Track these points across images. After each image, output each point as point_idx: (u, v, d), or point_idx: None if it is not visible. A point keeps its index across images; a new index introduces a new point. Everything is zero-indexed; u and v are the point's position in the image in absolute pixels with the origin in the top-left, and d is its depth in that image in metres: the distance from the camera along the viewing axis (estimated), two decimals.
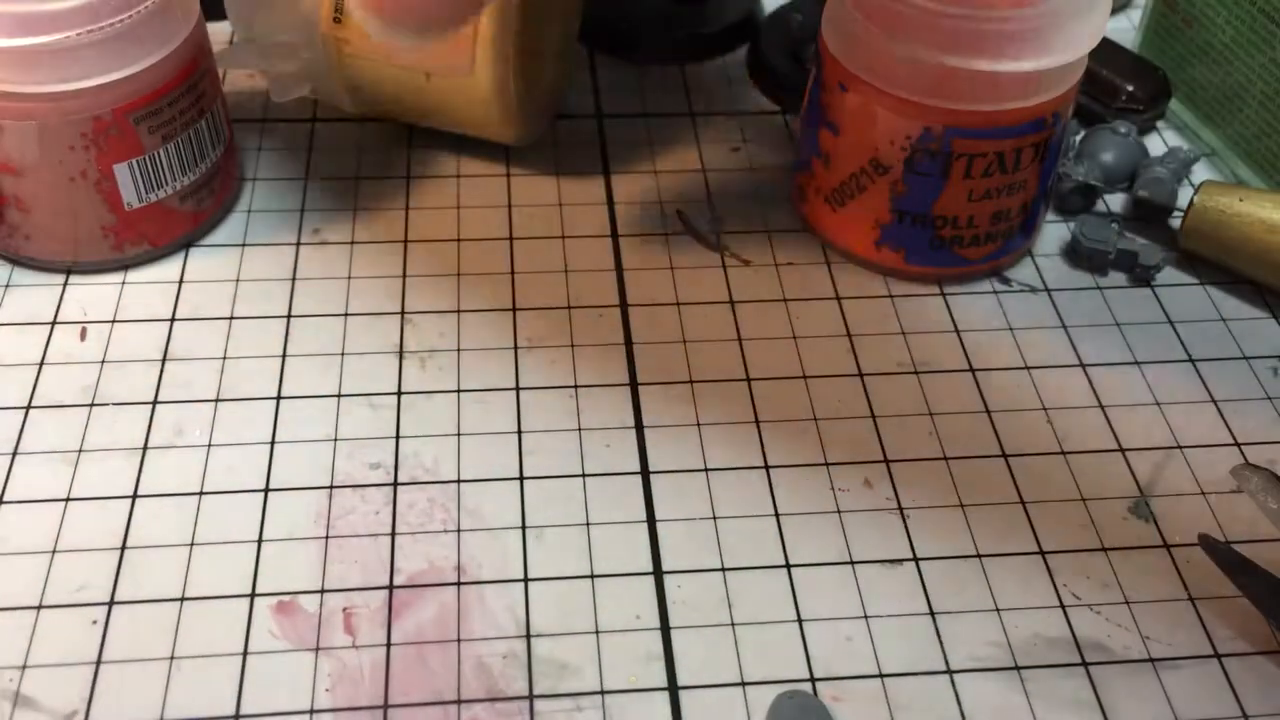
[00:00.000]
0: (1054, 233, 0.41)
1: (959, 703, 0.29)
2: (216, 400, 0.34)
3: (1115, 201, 0.42)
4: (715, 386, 0.36)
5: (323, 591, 0.30)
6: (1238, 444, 0.35)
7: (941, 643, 0.30)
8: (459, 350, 0.36)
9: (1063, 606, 0.31)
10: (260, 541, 0.31)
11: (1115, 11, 0.50)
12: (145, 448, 0.33)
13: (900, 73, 0.35)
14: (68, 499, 0.32)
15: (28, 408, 0.34)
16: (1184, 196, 0.42)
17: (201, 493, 0.32)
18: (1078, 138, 0.43)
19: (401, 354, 0.36)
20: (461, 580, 0.31)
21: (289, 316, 0.37)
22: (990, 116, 0.35)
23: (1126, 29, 0.48)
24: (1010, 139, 0.35)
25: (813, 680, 0.29)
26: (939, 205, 0.36)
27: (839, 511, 0.33)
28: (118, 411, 0.34)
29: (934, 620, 0.30)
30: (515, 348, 0.36)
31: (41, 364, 0.35)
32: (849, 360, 0.37)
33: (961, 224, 0.37)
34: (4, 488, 0.32)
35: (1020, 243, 0.39)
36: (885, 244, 0.38)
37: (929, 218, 0.37)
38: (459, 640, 0.29)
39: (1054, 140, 0.37)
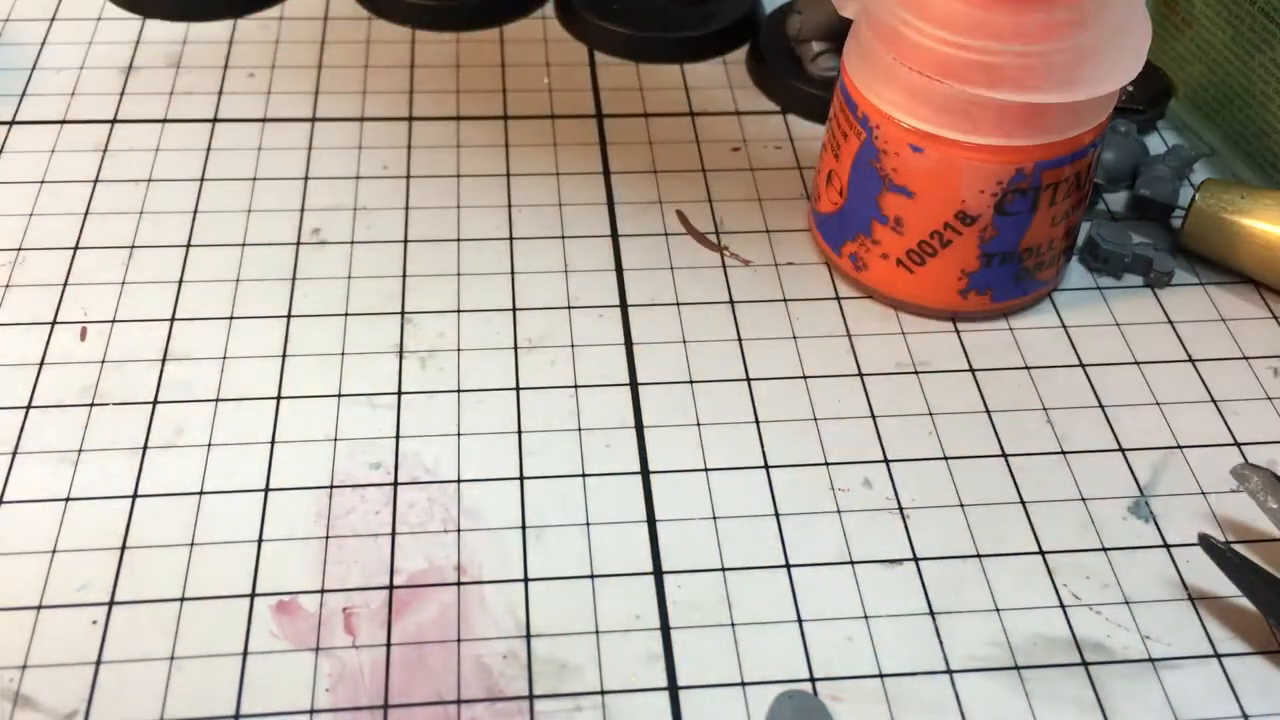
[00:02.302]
0: None
1: (959, 703, 0.29)
2: (216, 400, 0.34)
3: (1115, 200, 0.42)
4: (715, 386, 0.36)
5: (323, 591, 0.30)
6: (1238, 444, 0.35)
7: (941, 643, 0.30)
8: (459, 350, 0.36)
9: (1063, 606, 0.31)
10: (260, 541, 0.31)
11: None
12: (145, 448, 0.33)
13: (989, 121, 0.33)
14: (68, 499, 0.32)
15: (28, 408, 0.34)
16: (1184, 195, 0.42)
17: (201, 493, 0.32)
18: None
19: (401, 354, 0.36)
20: (461, 580, 0.31)
21: (289, 316, 0.37)
22: (1073, 141, 0.34)
23: None
24: (1085, 158, 0.35)
25: (813, 680, 0.29)
26: (1026, 239, 0.36)
27: (839, 511, 0.33)
28: (118, 411, 0.34)
29: (934, 620, 0.30)
30: (515, 348, 0.36)
31: (41, 364, 0.35)
32: (849, 360, 0.37)
33: (1044, 251, 0.36)
34: (4, 488, 0.32)
35: (1073, 251, 0.39)
36: (972, 290, 0.37)
37: (1016, 253, 0.36)
38: (459, 640, 0.29)
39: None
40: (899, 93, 0.34)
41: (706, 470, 0.33)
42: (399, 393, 0.35)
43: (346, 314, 0.37)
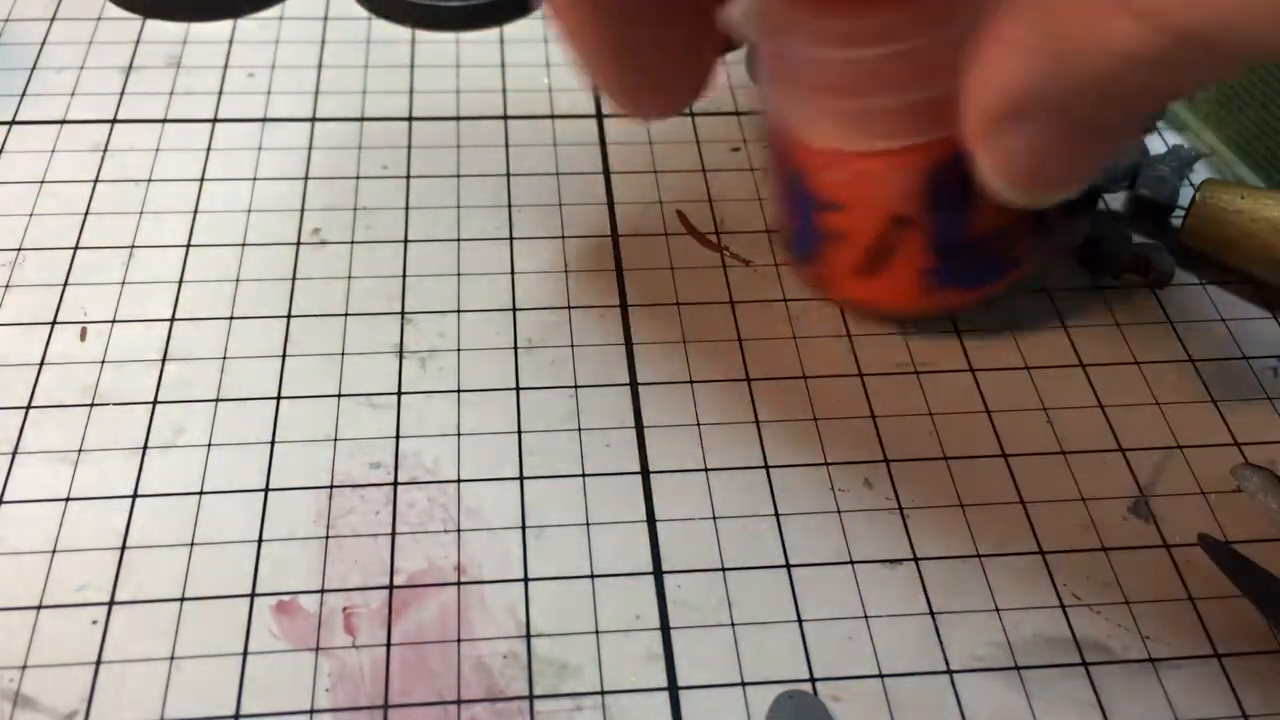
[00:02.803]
0: None
1: (959, 703, 0.29)
2: (216, 400, 0.34)
3: (1115, 200, 0.42)
4: (715, 386, 0.36)
5: (323, 591, 0.30)
6: (1238, 444, 0.35)
7: (941, 643, 0.30)
8: (459, 350, 0.36)
9: (1063, 606, 0.31)
10: (260, 541, 0.31)
11: None
12: (145, 448, 0.33)
13: (890, 125, 0.32)
14: (68, 499, 0.32)
15: (28, 408, 0.34)
16: (1184, 195, 0.42)
17: (201, 493, 0.32)
18: None
19: (401, 354, 0.36)
20: (461, 580, 0.31)
21: (289, 316, 0.37)
22: None
23: None
24: None
25: (813, 680, 0.29)
26: (976, 228, 0.34)
27: (839, 511, 0.33)
28: (118, 411, 0.34)
29: (934, 620, 0.30)
30: (515, 348, 0.36)
31: (41, 364, 0.35)
32: (849, 360, 0.37)
33: (1007, 234, 0.35)
34: (4, 488, 0.32)
35: (1060, 226, 0.37)
36: (942, 285, 0.35)
37: (971, 243, 0.35)
38: (459, 640, 0.29)
39: None
40: (799, 112, 0.33)
41: (706, 470, 0.33)
42: (399, 393, 0.35)
43: (346, 314, 0.37)
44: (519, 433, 0.34)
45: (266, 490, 0.32)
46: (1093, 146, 0.23)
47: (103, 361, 0.35)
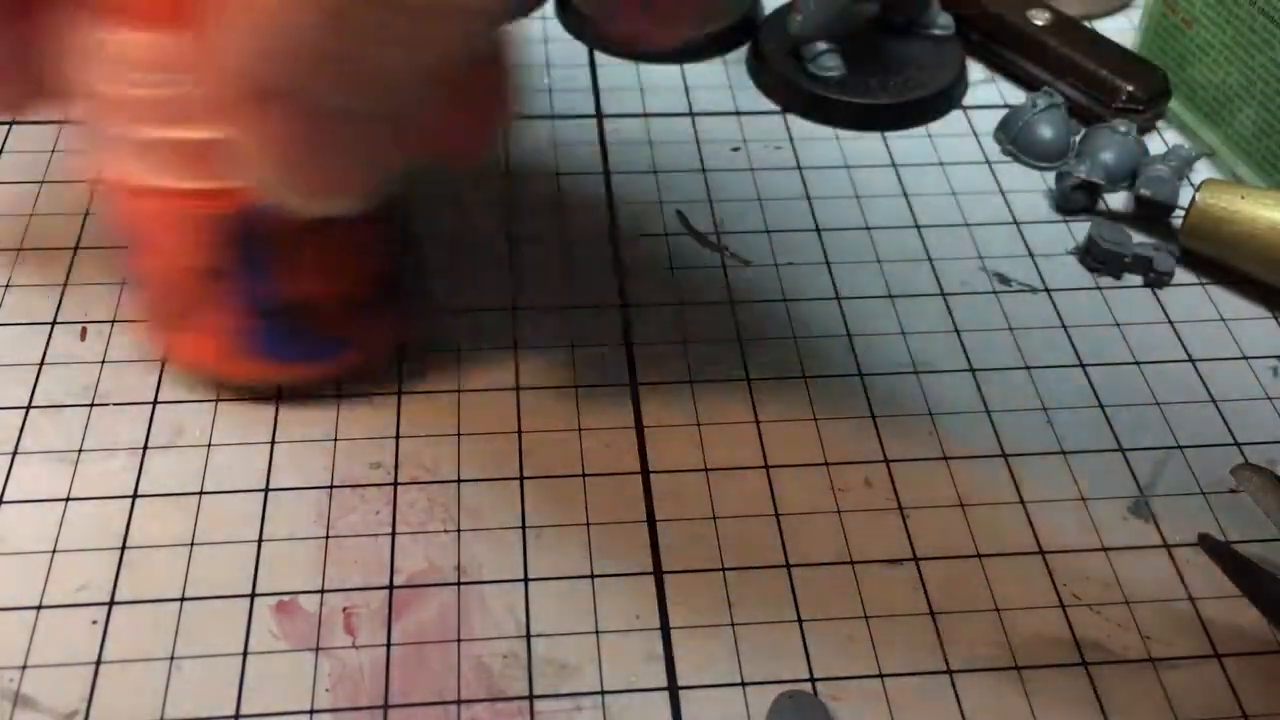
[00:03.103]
0: (1054, 233, 0.41)
1: (959, 703, 0.29)
2: (216, 400, 0.34)
3: (1115, 200, 0.42)
4: (715, 386, 0.36)
5: (323, 591, 0.30)
6: (1238, 444, 0.35)
7: (941, 643, 0.30)
8: (459, 351, 0.36)
9: (1063, 606, 0.31)
10: (260, 541, 0.31)
11: (1115, 11, 0.50)
12: (145, 448, 0.33)
13: (180, 161, 0.28)
14: (68, 499, 0.32)
15: (28, 408, 0.34)
16: (1184, 195, 0.42)
17: (201, 493, 0.32)
18: (1078, 137, 0.43)
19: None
20: (461, 580, 0.31)
21: None
22: None
23: (1126, 29, 0.48)
24: None
25: (813, 680, 0.29)
26: (297, 291, 0.31)
27: (839, 511, 0.33)
28: (118, 411, 0.34)
29: (934, 620, 0.30)
30: (515, 348, 0.36)
31: (41, 364, 0.35)
32: (849, 360, 0.37)
33: (339, 304, 0.32)
34: (4, 488, 0.32)
35: (407, 300, 0.35)
36: (254, 353, 0.32)
37: (290, 309, 0.32)
38: (459, 640, 0.29)
39: None
40: (91, 136, 0.29)
41: (706, 470, 0.33)
42: (399, 393, 0.35)
43: None
44: (519, 433, 0.34)
45: (266, 490, 0.32)
46: (354, 140, 0.22)
47: (103, 361, 0.35)
